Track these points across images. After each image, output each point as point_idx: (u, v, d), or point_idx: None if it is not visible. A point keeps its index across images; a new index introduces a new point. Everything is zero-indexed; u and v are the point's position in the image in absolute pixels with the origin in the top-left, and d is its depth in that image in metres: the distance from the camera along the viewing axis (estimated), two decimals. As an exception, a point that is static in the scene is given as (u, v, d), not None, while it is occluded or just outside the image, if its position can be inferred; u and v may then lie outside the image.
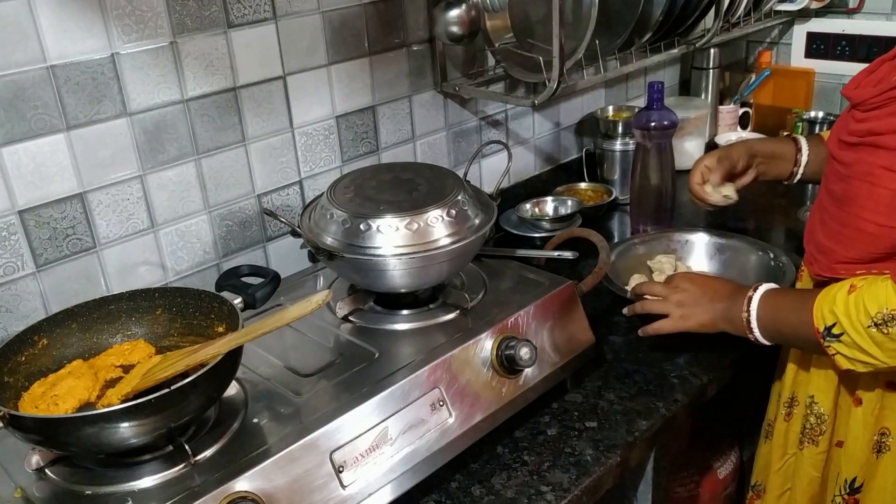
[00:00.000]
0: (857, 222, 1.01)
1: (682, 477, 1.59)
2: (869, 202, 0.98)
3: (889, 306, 0.93)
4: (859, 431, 1.11)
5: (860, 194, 1.00)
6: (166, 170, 1.25)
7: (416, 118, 1.61)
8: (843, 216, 1.04)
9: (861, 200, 1.00)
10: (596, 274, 1.30)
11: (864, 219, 0.99)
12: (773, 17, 2.06)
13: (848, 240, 1.03)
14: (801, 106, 2.16)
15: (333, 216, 1.12)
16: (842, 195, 1.04)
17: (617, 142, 1.90)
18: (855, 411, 1.11)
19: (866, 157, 0.99)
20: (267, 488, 0.87)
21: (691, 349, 1.31)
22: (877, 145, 0.98)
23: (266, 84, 1.34)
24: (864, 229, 1.00)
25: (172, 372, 0.91)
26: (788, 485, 1.24)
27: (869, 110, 1.01)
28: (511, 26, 1.57)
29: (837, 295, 0.99)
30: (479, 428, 1.06)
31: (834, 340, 0.99)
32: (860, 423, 1.11)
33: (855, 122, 1.03)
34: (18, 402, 0.93)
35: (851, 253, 1.03)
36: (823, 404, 1.15)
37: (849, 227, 1.02)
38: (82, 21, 1.11)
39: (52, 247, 1.16)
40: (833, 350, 1.00)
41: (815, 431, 1.17)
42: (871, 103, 1.00)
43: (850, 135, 1.03)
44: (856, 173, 1.01)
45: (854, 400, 1.11)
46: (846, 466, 1.13)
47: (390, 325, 1.16)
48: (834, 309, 0.98)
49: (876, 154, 0.98)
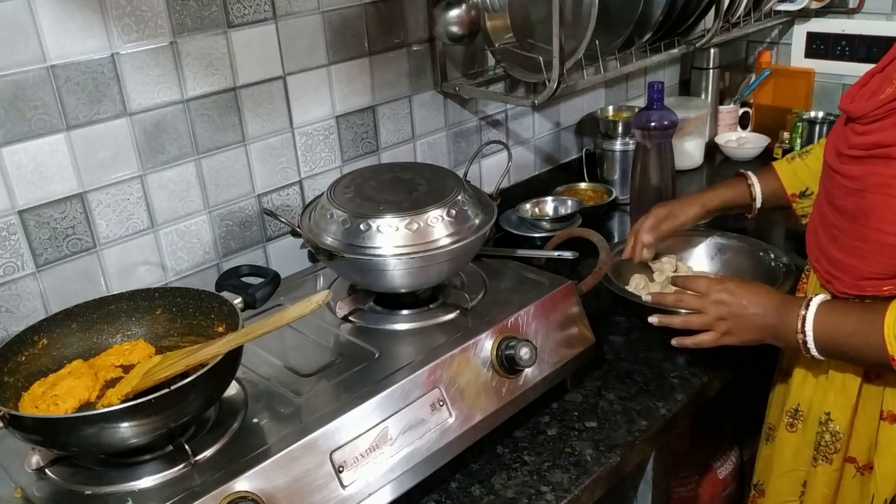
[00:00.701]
0: (878, 236, 0.99)
1: (682, 477, 1.59)
2: (888, 214, 0.97)
3: None
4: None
5: (877, 207, 0.98)
6: (166, 170, 1.25)
7: (416, 118, 1.61)
8: (860, 231, 1.02)
9: (879, 213, 0.98)
10: (596, 274, 1.30)
11: (886, 231, 0.98)
12: (773, 17, 2.06)
13: (871, 255, 1.01)
14: (801, 106, 2.16)
15: (333, 216, 1.12)
16: (855, 210, 1.02)
17: (617, 142, 1.91)
18: (890, 428, 1.08)
19: (879, 170, 0.98)
20: (267, 488, 0.87)
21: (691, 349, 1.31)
22: (889, 157, 0.97)
23: (266, 84, 1.34)
24: (886, 242, 0.98)
25: (172, 372, 0.91)
26: (791, 497, 1.23)
27: (869, 123, 1.00)
28: (511, 26, 1.57)
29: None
30: (479, 428, 1.06)
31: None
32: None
33: (856, 136, 1.02)
34: (18, 402, 0.93)
35: (875, 268, 1.01)
36: (839, 422, 1.13)
37: (869, 241, 1.00)
38: (82, 21, 1.11)
39: (52, 247, 1.16)
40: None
41: (830, 449, 1.15)
42: (872, 116, 1.00)
43: (853, 148, 1.02)
44: (869, 186, 0.99)
45: (888, 417, 1.08)
46: (882, 486, 1.09)
47: (390, 325, 1.16)
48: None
49: (889, 165, 0.97)
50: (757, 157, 2.11)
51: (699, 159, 2.10)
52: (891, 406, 1.07)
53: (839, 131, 1.08)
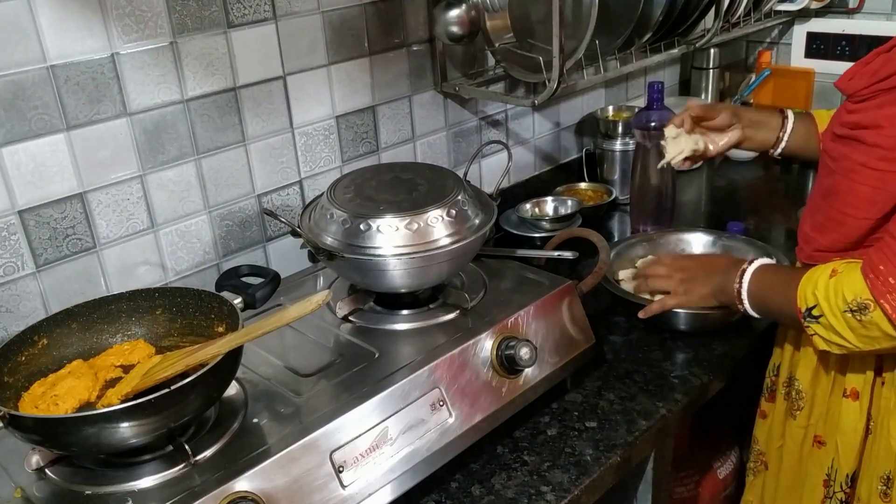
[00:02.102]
0: (839, 217, 1.04)
1: (682, 477, 1.59)
2: (850, 197, 1.02)
3: (863, 295, 0.96)
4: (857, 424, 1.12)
5: (842, 190, 1.03)
6: (166, 170, 1.25)
7: (416, 118, 1.61)
8: (826, 209, 1.07)
9: (843, 196, 1.03)
10: (596, 274, 1.30)
11: (847, 213, 1.03)
12: (773, 17, 2.06)
13: (829, 231, 1.07)
14: (801, 106, 2.16)
15: (333, 216, 1.12)
16: (827, 189, 1.07)
17: (617, 142, 1.90)
18: (851, 405, 1.12)
19: (849, 154, 1.02)
20: (267, 488, 0.87)
21: (691, 349, 1.31)
22: (859, 140, 1.00)
23: (266, 84, 1.34)
24: (845, 222, 1.03)
25: (172, 372, 0.91)
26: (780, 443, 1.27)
27: (858, 102, 1.02)
28: (511, 26, 1.57)
29: (820, 278, 1.02)
30: (479, 428, 1.06)
31: (813, 322, 1.02)
32: (857, 415, 1.12)
33: (846, 114, 1.05)
34: (18, 402, 0.93)
35: (825, 242, 1.07)
36: (803, 381, 1.18)
37: (831, 220, 1.06)
38: (82, 21, 1.11)
39: (52, 247, 1.16)
40: (812, 330, 1.03)
41: (794, 406, 1.20)
42: (861, 95, 1.01)
43: (841, 126, 1.05)
44: (839, 168, 1.04)
45: (851, 395, 1.12)
46: (844, 462, 1.14)
47: (390, 325, 1.16)
48: (815, 291, 1.01)
49: (857, 150, 1.00)
50: (757, 157, 2.11)
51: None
52: (853, 384, 1.11)
53: (837, 110, 1.10)
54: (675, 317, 1.33)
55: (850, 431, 1.12)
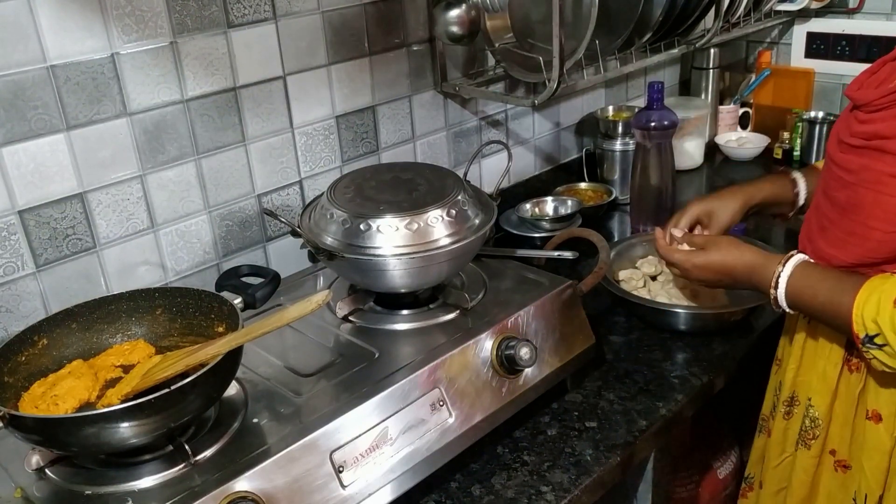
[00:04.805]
0: (864, 231, 1.00)
1: (682, 477, 1.59)
2: (877, 210, 0.98)
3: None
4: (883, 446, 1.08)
5: (867, 203, 0.99)
6: (166, 170, 1.25)
7: (416, 118, 1.61)
8: (848, 224, 1.03)
9: (868, 209, 0.99)
10: (596, 274, 1.30)
11: (873, 227, 0.99)
12: (773, 17, 2.06)
13: (852, 247, 1.02)
14: (801, 106, 2.16)
15: (333, 216, 1.12)
16: (845, 203, 1.03)
17: (617, 142, 1.90)
18: (875, 428, 1.08)
19: (873, 165, 0.98)
20: (267, 488, 0.87)
21: (691, 349, 1.31)
22: (883, 150, 0.97)
23: (266, 84, 1.34)
24: (871, 237, 0.99)
25: (172, 372, 0.91)
26: (784, 483, 1.24)
27: (873, 112, 1.00)
28: (511, 26, 1.57)
29: (882, 306, 0.96)
30: (479, 428, 1.06)
31: (875, 348, 0.97)
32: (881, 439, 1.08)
33: (858, 124, 1.02)
34: (18, 402, 0.93)
35: (848, 258, 1.03)
36: (819, 408, 1.14)
37: (855, 235, 1.02)
38: (82, 21, 1.11)
39: (52, 247, 1.16)
40: (871, 355, 0.98)
41: (809, 435, 1.16)
42: (876, 105, 0.99)
43: (854, 136, 1.02)
44: (862, 181, 1.00)
45: (874, 417, 1.08)
46: (873, 485, 1.09)
47: (390, 325, 1.16)
48: (878, 320, 0.95)
49: (882, 160, 0.97)
50: (757, 157, 2.12)
51: (699, 159, 2.10)
52: (875, 406, 1.08)
53: (843, 119, 1.08)
54: (675, 317, 1.33)
55: (878, 453, 1.08)
